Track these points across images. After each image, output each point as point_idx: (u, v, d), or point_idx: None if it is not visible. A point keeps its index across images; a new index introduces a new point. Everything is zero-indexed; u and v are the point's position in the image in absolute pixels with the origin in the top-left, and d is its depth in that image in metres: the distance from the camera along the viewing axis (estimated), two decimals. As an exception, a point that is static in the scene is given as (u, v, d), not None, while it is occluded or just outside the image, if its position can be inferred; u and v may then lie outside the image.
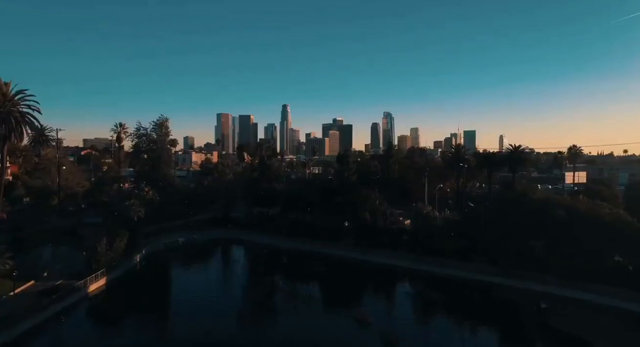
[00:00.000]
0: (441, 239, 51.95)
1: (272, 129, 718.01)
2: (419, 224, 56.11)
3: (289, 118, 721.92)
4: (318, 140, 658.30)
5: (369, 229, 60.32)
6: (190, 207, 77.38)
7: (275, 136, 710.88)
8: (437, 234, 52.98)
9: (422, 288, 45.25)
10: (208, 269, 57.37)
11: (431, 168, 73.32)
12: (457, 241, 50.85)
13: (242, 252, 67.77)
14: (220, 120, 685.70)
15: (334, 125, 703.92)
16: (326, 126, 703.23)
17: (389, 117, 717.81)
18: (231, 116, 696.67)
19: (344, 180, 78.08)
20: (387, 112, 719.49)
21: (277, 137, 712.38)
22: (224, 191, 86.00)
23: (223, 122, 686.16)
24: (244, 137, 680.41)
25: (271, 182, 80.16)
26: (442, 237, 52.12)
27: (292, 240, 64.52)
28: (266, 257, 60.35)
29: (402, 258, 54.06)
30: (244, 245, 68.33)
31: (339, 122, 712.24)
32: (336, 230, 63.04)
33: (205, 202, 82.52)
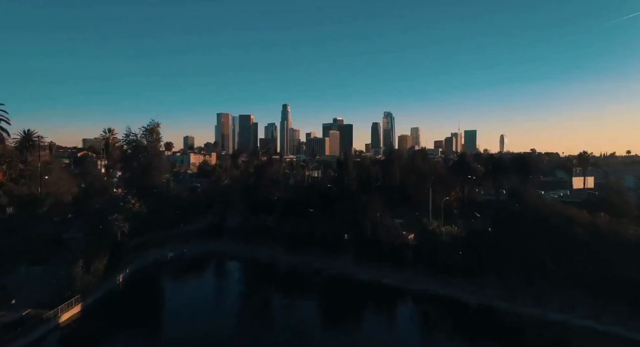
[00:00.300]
0: (447, 256, 48.20)
1: (273, 128, 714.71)
2: (423, 240, 52.25)
3: (289, 118, 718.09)
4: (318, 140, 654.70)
5: (370, 243, 56.64)
6: (184, 215, 73.72)
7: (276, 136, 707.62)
8: (443, 251, 49.19)
9: (426, 309, 41.72)
10: (198, 288, 53.31)
11: (435, 176, 69.36)
12: (464, 259, 47.13)
13: (237, 266, 63.88)
14: (221, 120, 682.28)
15: (335, 125, 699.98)
16: (326, 126, 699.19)
17: (389, 117, 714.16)
18: (231, 116, 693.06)
19: (344, 187, 74.56)
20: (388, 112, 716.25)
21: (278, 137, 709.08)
22: (219, 197, 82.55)
23: (223, 122, 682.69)
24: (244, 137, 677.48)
25: (268, 190, 76.41)
26: (449, 254, 48.35)
27: (289, 253, 60.87)
28: (261, 274, 56.74)
29: (405, 276, 50.27)
30: (239, 258, 64.43)
31: (339, 121, 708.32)
32: (335, 243, 59.57)
33: (200, 209, 78.96)
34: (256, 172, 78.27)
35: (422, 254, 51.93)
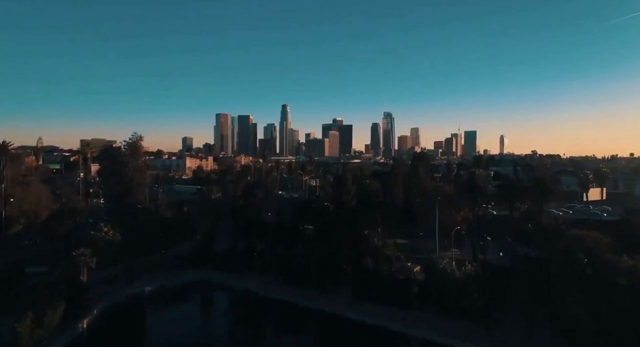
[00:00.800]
0: (460, 300, 42.01)
1: (272, 129, 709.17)
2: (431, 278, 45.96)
3: (288, 118, 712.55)
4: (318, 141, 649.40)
5: (371, 277, 50.42)
6: (168, 236, 67.41)
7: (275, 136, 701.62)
8: (455, 293, 42.94)
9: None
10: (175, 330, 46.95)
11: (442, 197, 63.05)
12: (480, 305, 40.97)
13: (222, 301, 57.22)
14: (220, 121, 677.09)
15: (334, 125, 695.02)
16: (326, 126, 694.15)
17: (389, 117, 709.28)
18: (230, 116, 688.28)
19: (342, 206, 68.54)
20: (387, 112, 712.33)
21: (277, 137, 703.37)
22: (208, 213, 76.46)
23: (222, 123, 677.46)
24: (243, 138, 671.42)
25: (258, 211, 70.12)
26: (461, 298, 42.15)
27: (281, 286, 54.72)
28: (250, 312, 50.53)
29: (411, 320, 44.02)
30: (226, 290, 57.90)
31: (338, 122, 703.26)
32: (333, 274, 53.52)
33: (186, 229, 72.69)
34: (244, 193, 71.85)
35: (430, 293, 45.68)
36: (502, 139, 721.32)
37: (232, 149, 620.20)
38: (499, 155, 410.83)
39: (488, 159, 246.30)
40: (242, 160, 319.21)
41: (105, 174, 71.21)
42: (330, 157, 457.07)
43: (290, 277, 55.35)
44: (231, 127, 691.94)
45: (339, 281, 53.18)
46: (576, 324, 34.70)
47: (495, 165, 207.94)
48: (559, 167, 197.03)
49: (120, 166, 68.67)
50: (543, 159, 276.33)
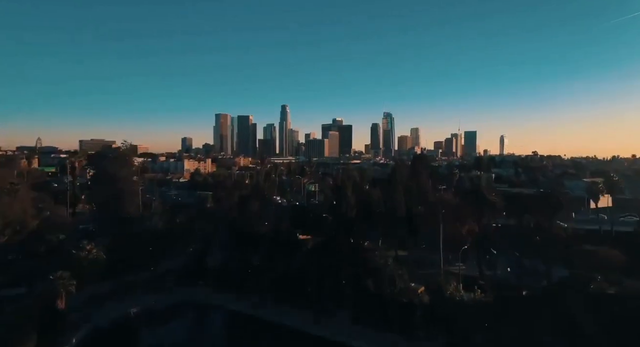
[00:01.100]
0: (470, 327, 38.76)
1: (271, 129, 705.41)
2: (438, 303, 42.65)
3: (288, 118, 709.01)
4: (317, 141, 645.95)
5: (373, 299, 47.19)
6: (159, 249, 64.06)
7: (275, 137, 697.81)
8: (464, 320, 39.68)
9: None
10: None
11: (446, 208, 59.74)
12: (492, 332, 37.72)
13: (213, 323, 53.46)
14: (219, 121, 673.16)
15: (334, 125, 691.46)
16: (326, 127, 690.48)
17: (389, 117, 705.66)
18: (230, 116, 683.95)
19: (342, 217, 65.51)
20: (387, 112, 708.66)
21: (277, 137, 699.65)
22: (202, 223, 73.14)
23: (222, 123, 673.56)
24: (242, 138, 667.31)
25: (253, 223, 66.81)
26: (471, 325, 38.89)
27: (277, 307, 51.51)
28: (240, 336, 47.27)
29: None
30: (218, 311, 54.52)
31: (338, 122, 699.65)
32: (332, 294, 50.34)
33: (178, 242, 69.39)
34: (239, 205, 68.56)
35: (436, 318, 42.44)
36: (502, 139, 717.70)
37: (232, 149, 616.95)
38: (500, 156, 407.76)
39: (489, 160, 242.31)
40: (241, 161, 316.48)
41: (95, 183, 67.90)
42: (330, 158, 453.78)
43: (285, 297, 52.19)
44: (231, 127, 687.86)
45: (339, 304, 49.97)
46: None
47: (496, 167, 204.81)
48: (560, 169, 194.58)
49: (110, 177, 65.35)
50: (544, 160, 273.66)
